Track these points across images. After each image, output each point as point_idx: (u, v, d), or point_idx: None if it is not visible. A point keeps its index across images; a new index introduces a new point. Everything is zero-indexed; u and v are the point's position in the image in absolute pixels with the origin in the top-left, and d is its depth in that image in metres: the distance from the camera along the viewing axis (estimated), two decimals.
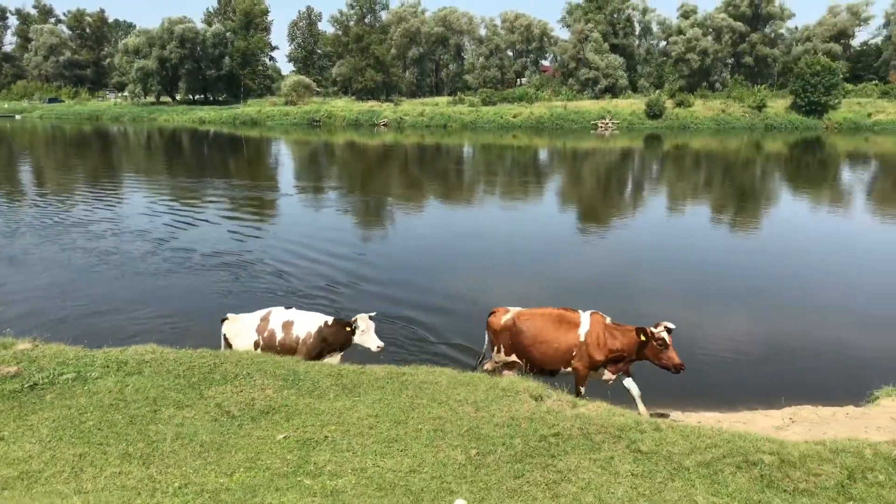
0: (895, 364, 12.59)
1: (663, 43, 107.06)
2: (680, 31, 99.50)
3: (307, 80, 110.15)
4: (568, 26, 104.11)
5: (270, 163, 56.89)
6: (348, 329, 11.48)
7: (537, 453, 7.35)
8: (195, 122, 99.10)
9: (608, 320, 10.83)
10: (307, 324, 11.79)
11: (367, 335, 11.44)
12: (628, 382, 10.90)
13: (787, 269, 21.00)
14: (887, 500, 6.30)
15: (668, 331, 10.17)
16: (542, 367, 11.04)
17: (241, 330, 11.86)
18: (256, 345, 11.77)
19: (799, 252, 23.43)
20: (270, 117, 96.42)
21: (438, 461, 7.18)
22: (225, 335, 11.93)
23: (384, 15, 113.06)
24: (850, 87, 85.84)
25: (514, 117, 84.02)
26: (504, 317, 11.30)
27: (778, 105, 79.80)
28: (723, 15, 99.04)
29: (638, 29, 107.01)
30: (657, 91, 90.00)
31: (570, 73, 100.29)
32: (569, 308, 11.16)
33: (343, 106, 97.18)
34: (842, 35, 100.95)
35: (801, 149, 63.33)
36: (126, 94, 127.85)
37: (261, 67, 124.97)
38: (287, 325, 11.75)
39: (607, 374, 10.81)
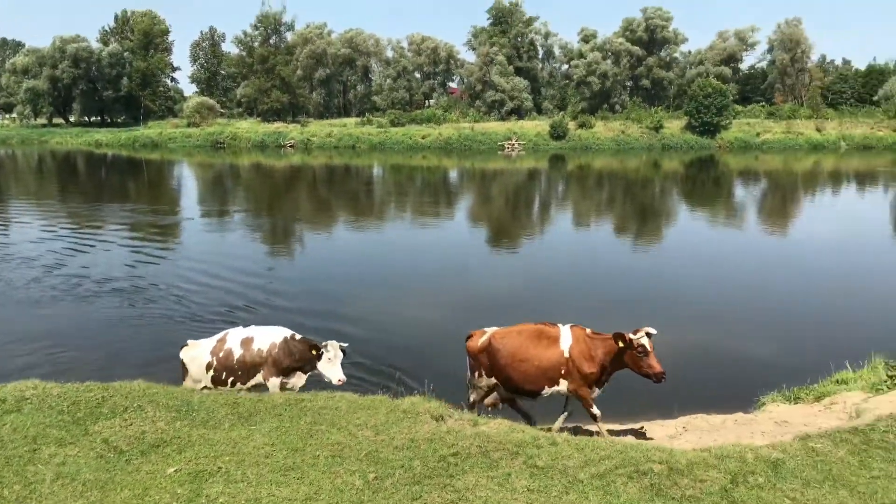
0: (781, 371, 13.14)
1: (565, 66, 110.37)
2: (581, 55, 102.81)
3: (210, 101, 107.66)
4: (473, 49, 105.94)
5: (172, 186, 55.18)
6: (314, 352, 10.82)
7: (436, 474, 7.30)
8: (91, 144, 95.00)
9: (588, 331, 10.30)
10: (270, 336, 11.23)
11: (332, 365, 10.73)
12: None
13: (684, 281, 21.83)
14: (766, 502, 6.56)
15: (649, 336, 9.72)
16: (523, 387, 10.35)
17: (197, 355, 11.39)
18: (209, 367, 11.27)
19: (695, 265, 24.42)
20: (172, 139, 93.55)
21: (336, 487, 7.02)
22: (183, 362, 11.50)
23: (289, 36, 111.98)
24: (739, 108, 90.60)
25: (422, 138, 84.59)
26: (481, 339, 10.68)
27: (674, 126, 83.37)
28: (621, 39, 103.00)
29: (541, 52, 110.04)
30: (560, 113, 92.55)
31: (477, 94, 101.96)
32: (547, 322, 10.54)
33: (248, 127, 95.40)
34: (731, 59, 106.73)
35: (697, 167, 66.29)
36: (14, 115, 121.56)
37: (162, 88, 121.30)
38: (246, 342, 11.21)
39: (594, 392, 10.25)
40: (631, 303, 19.24)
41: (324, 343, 10.73)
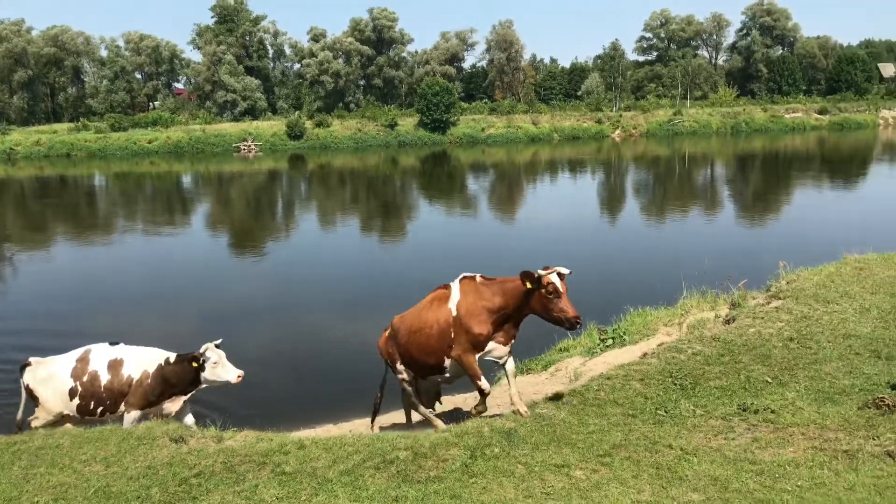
0: (518, 345, 14.14)
1: (297, 65, 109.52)
2: (312, 54, 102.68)
3: None
4: (199, 48, 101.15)
5: None
6: (195, 365, 9.58)
7: (177, 499, 6.87)
8: None
9: (478, 278, 8.86)
10: (142, 361, 9.82)
11: (220, 367, 9.61)
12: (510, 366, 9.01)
13: (426, 270, 22.75)
14: (502, 470, 7.04)
15: (560, 276, 8.34)
16: (425, 362, 9.06)
17: (50, 376, 9.75)
18: (73, 393, 9.66)
19: (443, 256, 25.57)
20: None
21: None
22: (28, 385, 9.81)
23: None
24: (465, 105, 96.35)
25: (149, 143, 79.12)
26: (386, 333, 9.78)
27: (407, 123, 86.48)
28: (350, 39, 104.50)
29: (271, 52, 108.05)
30: (296, 112, 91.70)
31: (207, 95, 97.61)
32: (445, 285, 9.21)
33: None
34: (454, 58, 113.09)
35: (432, 162, 69.47)
36: None
37: None
38: (115, 365, 9.73)
39: (499, 349, 8.76)
40: (380, 298, 19.66)
41: (200, 352, 9.59)
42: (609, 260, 23.69)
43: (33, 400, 9.95)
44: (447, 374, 9.12)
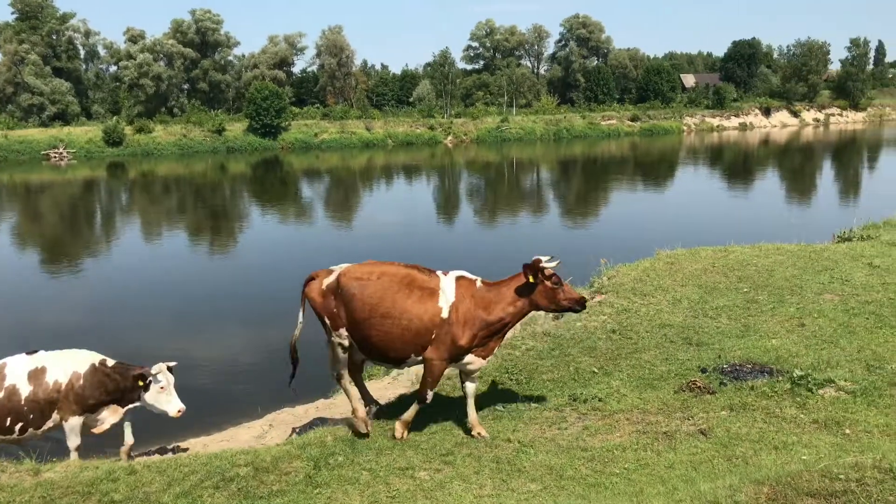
0: None
1: (114, 67, 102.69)
2: (130, 56, 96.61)
3: None
4: None
5: None
6: (140, 383, 8.65)
7: None
8: None
9: (479, 283, 8.16)
10: (70, 364, 8.72)
11: (166, 394, 8.73)
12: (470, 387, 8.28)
13: (257, 283, 22.12)
14: (347, 478, 7.01)
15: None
16: (384, 353, 8.06)
17: None
18: None
19: (269, 265, 24.91)
20: None
21: None
22: None
23: None
24: (296, 110, 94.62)
25: None
26: (327, 279, 8.22)
27: (236, 128, 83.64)
28: (172, 41, 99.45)
29: (83, 52, 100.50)
30: (115, 117, 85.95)
31: (9, 98, 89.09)
32: (421, 267, 8.29)
33: None
34: (284, 63, 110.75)
35: (263, 168, 67.65)
36: None
37: None
38: (37, 374, 8.62)
39: (476, 363, 8.13)
40: (216, 310, 18.89)
41: (151, 368, 8.67)
42: (446, 263, 24.19)
43: None
44: (401, 366, 8.35)
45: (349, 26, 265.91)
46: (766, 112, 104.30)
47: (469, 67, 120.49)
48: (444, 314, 7.83)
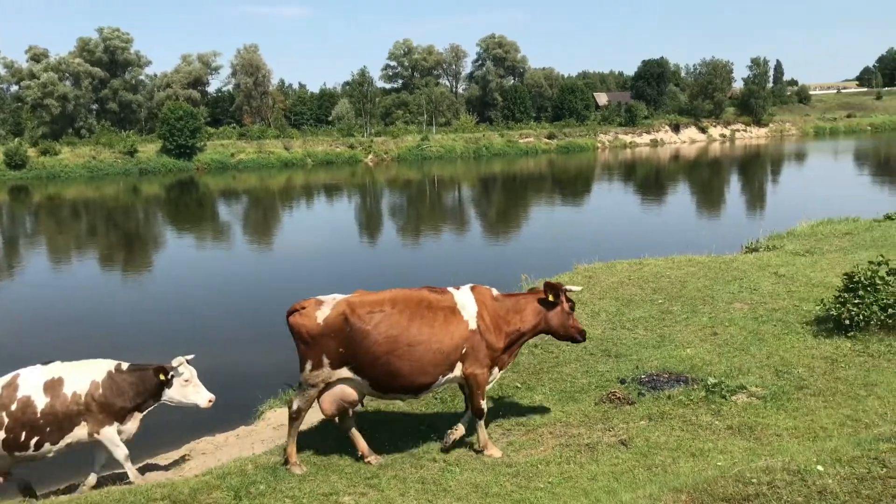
0: (279, 377, 13.77)
1: (15, 87, 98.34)
2: (33, 76, 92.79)
3: None
4: None
5: None
6: (161, 377, 8.38)
7: None
8: None
9: (494, 292, 8.20)
10: (87, 373, 8.36)
11: (191, 386, 8.68)
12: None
13: (170, 310, 21.42)
14: None
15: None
16: (410, 383, 7.66)
17: None
18: None
19: (191, 286, 24.18)
20: None
21: None
22: None
23: None
24: (212, 130, 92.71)
25: None
26: (321, 312, 7.62)
27: (149, 149, 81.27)
28: (78, 60, 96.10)
29: None
30: (16, 139, 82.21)
31: None
32: (430, 287, 8.08)
33: None
34: (198, 82, 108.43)
35: (178, 190, 65.84)
36: None
37: None
38: (53, 385, 8.24)
39: (495, 373, 8.15)
40: (112, 332, 18.18)
41: (170, 364, 8.44)
42: (368, 283, 24.02)
43: None
44: (423, 394, 8.06)
45: (265, 46, 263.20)
46: (676, 129, 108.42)
47: (388, 86, 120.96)
48: (472, 326, 7.78)
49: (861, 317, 10.25)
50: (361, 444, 7.95)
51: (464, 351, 7.73)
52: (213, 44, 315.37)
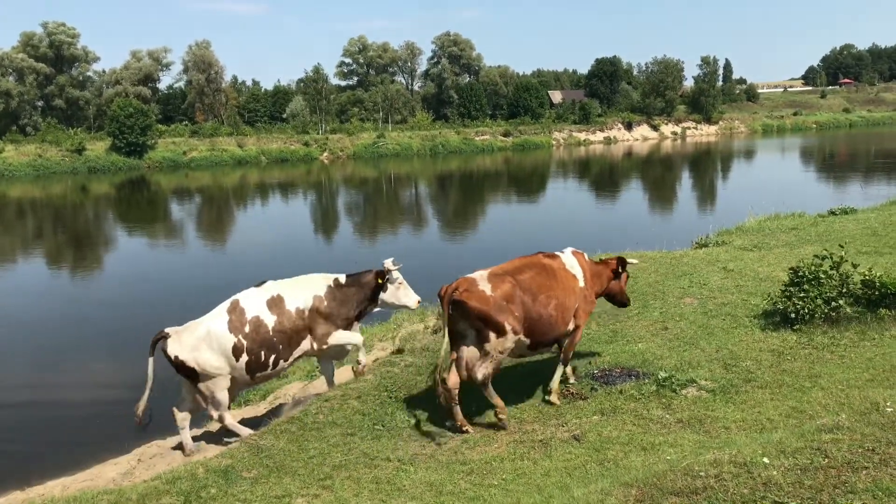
0: None
1: None
2: None
3: None
4: None
5: None
6: (380, 280, 9.15)
7: None
8: None
9: (586, 257, 9.54)
10: (308, 289, 8.74)
11: (404, 288, 9.36)
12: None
13: (121, 312, 20.98)
14: None
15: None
16: (555, 337, 8.66)
17: (200, 342, 8.51)
18: (238, 350, 8.50)
19: (134, 292, 23.69)
20: None
21: None
22: (177, 357, 8.57)
23: None
24: (163, 127, 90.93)
25: None
26: (487, 286, 8.04)
27: (98, 147, 79.39)
28: (22, 55, 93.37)
29: None
30: None
31: None
32: (544, 252, 9.07)
33: None
34: (148, 79, 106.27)
35: (129, 188, 64.50)
36: None
37: None
38: (276, 303, 8.74)
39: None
40: (63, 336, 17.74)
41: (385, 267, 9.20)
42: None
43: (189, 376, 8.54)
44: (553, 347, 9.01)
45: (217, 42, 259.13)
46: (629, 126, 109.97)
47: (343, 83, 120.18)
48: (581, 283, 8.94)
49: (806, 310, 10.50)
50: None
51: (577, 306, 8.80)
52: (165, 40, 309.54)
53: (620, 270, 9.63)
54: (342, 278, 9.29)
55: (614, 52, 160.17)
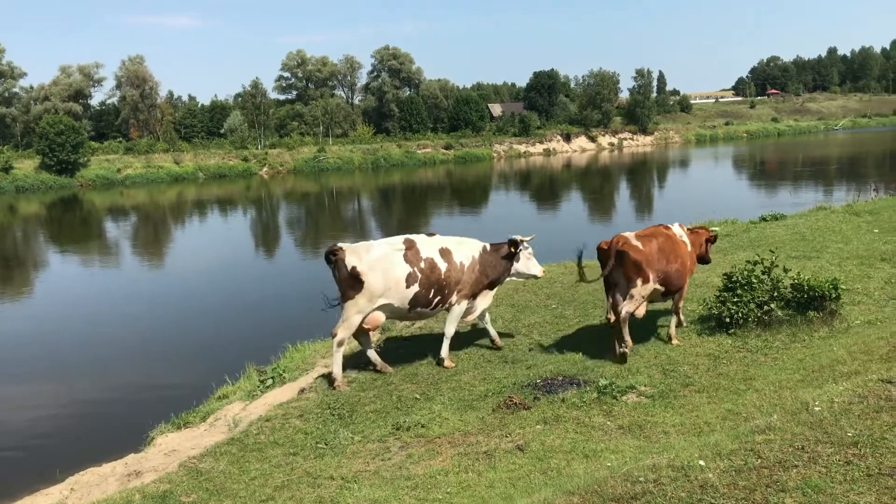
0: (169, 401, 13.20)
1: None
2: None
3: None
4: None
5: None
6: (513, 249, 9.96)
7: None
8: None
9: (687, 227, 11.94)
10: (467, 248, 9.82)
11: (532, 260, 10.44)
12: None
13: (49, 333, 20.26)
14: None
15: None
16: (678, 287, 10.92)
17: (378, 262, 9.17)
18: (411, 280, 9.21)
19: (64, 313, 22.92)
20: None
21: None
22: (353, 269, 9.13)
23: None
24: (96, 144, 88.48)
25: None
26: (639, 243, 10.27)
27: (26, 165, 76.78)
28: None
29: None
30: None
31: None
32: (659, 225, 11.34)
33: None
34: (80, 95, 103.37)
35: (61, 208, 62.49)
36: None
37: None
38: (446, 253, 9.54)
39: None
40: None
41: (519, 238, 10.07)
42: (265, 298, 23.45)
43: (352, 287, 8.77)
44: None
45: (151, 57, 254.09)
46: (567, 138, 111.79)
47: (282, 97, 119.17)
48: (689, 248, 11.29)
49: (740, 314, 10.80)
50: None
51: (688, 265, 11.12)
52: (98, 55, 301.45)
53: (711, 241, 12.12)
54: (488, 246, 10.36)
55: (552, 66, 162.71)
